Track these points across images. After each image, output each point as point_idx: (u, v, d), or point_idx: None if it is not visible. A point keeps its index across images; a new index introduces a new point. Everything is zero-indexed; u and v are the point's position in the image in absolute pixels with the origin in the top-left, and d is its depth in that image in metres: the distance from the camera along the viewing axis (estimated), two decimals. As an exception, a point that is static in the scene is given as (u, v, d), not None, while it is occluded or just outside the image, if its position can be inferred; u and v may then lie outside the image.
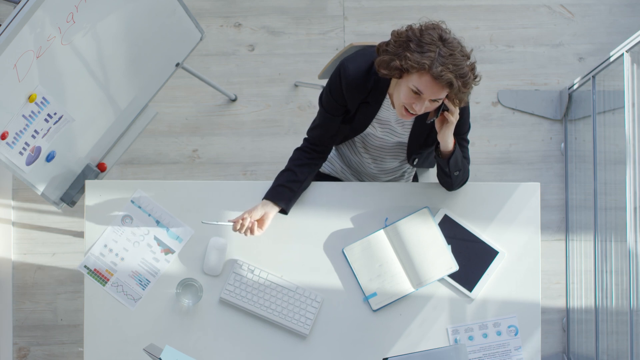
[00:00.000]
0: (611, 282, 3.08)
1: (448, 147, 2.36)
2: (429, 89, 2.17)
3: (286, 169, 2.51)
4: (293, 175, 2.49)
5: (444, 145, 2.36)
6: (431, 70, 2.14)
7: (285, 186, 2.48)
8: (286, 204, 2.48)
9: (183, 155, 3.45)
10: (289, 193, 2.48)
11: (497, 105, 3.50)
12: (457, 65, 2.15)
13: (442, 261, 2.51)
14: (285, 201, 2.48)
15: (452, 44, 2.16)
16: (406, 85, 2.20)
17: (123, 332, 2.50)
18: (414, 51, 2.16)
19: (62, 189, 2.65)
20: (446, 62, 2.14)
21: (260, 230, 2.45)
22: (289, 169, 2.50)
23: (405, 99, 2.22)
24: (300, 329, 2.50)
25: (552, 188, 3.46)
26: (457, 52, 2.16)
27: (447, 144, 2.35)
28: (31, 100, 2.32)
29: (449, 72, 2.14)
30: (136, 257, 2.54)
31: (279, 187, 2.48)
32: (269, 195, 2.48)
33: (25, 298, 3.36)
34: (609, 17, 3.55)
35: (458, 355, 2.14)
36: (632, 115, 2.77)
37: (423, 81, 2.17)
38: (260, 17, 3.52)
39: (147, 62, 2.71)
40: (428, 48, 2.14)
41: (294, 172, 2.49)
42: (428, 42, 2.15)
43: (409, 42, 2.17)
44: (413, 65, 2.15)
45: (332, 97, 2.39)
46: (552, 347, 3.38)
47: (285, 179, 2.48)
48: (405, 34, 2.20)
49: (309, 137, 2.53)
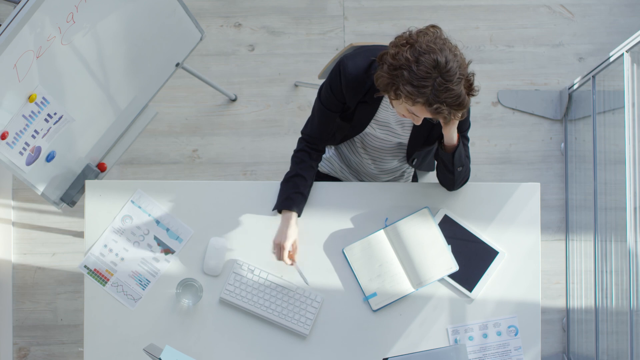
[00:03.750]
0: (611, 282, 3.08)
1: (452, 142, 2.36)
2: (424, 114, 2.16)
3: (295, 174, 2.50)
4: (303, 180, 2.50)
5: (448, 139, 2.36)
6: (426, 105, 2.11)
7: (300, 193, 2.49)
8: (302, 209, 2.51)
9: (183, 155, 3.45)
10: (301, 198, 2.50)
11: (497, 105, 3.50)
12: (453, 96, 2.08)
13: (442, 261, 2.51)
14: (302, 207, 2.51)
15: (449, 70, 2.07)
16: (403, 105, 2.18)
17: (123, 332, 2.50)
18: (407, 83, 2.09)
19: (62, 189, 2.65)
20: (441, 97, 2.08)
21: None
22: (298, 174, 2.50)
23: (404, 114, 2.22)
24: (300, 329, 2.50)
25: (552, 188, 3.46)
26: (454, 80, 2.08)
27: (452, 139, 2.35)
28: (31, 100, 2.32)
29: (444, 107, 2.09)
30: (136, 257, 2.54)
31: (295, 195, 2.48)
32: (288, 206, 2.48)
33: (25, 298, 3.36)
34: (609, 17, 3.55)
35: (458, 355, 2.14)
36: (632, 115, 2.77)
37: (418, 109, 2.14)
38: (260, 17, 3.52)
39: (147, 62, 2.71)
40: (423, 82, 2.07)
41: (304, 178, 2.49)
42: (423, 76, 2.07)
43: (403, 71, 2.10)
44: (407, 99, 2.12)
45: (332, 93, 2.38)
46: (552, 347, 3.38)
47: (299, 186, 2.49)
48: (400, 59, 2.11)
49: (306, 135, 2.51)
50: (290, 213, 2.48)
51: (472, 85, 2.16)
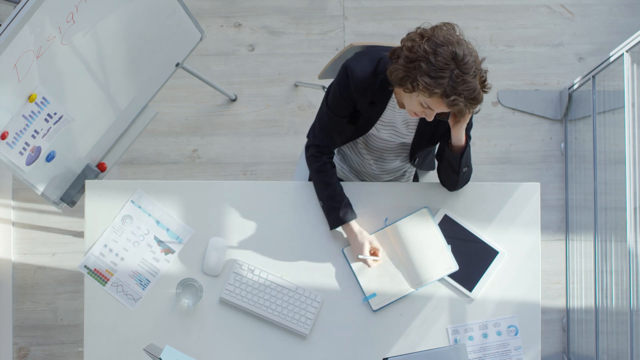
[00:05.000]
0: (611, 282, 3.08)
1: (460, 142, 2.37)
2: (440, 108, 2.17)
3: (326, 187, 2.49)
4: (337, 188, 2.50)
5: (456, 140, 2.36)
6: (443, 97, 2.12)
7: (342, 200, 2.49)
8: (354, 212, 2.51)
9: (183, 155, 3.45)
10: (347, 203, 2.49)
11: (497, 105, 3.50)
12: (470, 89, 2.11)
13: (442, 261, 2.51)
14: (352, 209, 2.50)
15: (466, 63, 2.10)
16: (417, 99, 2.19)
17: (123, 332, 2.50)
18: (425, 74, 2.10)
19: (62, 189, 2.65)
20: (458, 89, 2.09)
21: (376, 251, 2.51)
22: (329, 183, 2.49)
23: (416, 109, 2.22)
24: (300, 329, 2.50)
25: (552, 188, 3.46)
26: (470, 73, 2.10)
27: (460, 139, 2.36)
28: (31, 100, 2.32)
29: (460, 99, 2.11)
30: (136, 257, 2.54)
31: (341, 206, 2.48)
32: (343, 219, 2.48)
33: (25, 298, 3.36)
34: (609, 17, 3.55)
35: (458, 355, 2.14)
36: (632, 115, 2.77)
37: (434, 101, 2.15)
38: (260, 17, 3.52)
39: (147, 62, 2.71)
40: (440, 74, 2.09)
41: (334, 185, 2.50)
42: (441, 67, 2.09)
43: (420, 62, 2.11)
44: (424, 90, 2.12)
45: (343, 99, 2.36)
46: (552, 347, 3.38)
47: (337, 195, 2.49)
48: (418, 51, 2.12)
49: (317, 145, 2.49)
50: (347, 224, 2.49)
51: (485, 81, 2.18)
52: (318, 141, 2.49)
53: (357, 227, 2.49)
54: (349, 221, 2.48)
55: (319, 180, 2.51)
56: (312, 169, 2.51)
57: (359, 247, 2.47)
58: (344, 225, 2.49)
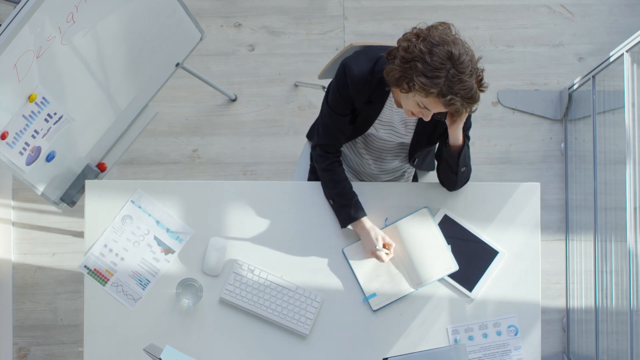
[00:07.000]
0: (611, 282, 3.08)
1: (458, 142, 2.37)
2: (437, 108, 2.17)
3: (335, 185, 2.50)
4: (346, 186, 2.50)
5: (454, 139, 2.36)
6: (439, 97, 2.12)
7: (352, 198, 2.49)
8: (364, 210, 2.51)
9: (183, 155, 3.45)
10: (357, 201, 2.49)
11: (497, 105, 3.50)
12: (466, 88, 2.11)
13: (442, 261, 2.51)
14: (362, 207, 2.50)
15: (462, 62, 2.10)
16: (413, 99, 2.19)
17: (123, 332, 2.50)
18: (421, 74, 2.10)
19: (62, 189, 2.65)
20: (455, 88, 2.10)
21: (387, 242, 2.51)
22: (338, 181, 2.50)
23: (413, 109, 2.22)
24: (300, 329, 2.50)
25: (552, 188, 3.46)
26: (466, 72, 2.10)
27: (457, 139, 2.36)
28: (31, 100, 2.32)
29: (457, 98, 2.11)
30: (136, 257, 2.54)
31: (351, 203, 2.48)
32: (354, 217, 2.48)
33: (25, 298, 3.36)
34: (609, 17, 3.55)
35: (458, 355, 2.14)
36: (632, 115, 2.77)
37: (431, 101, 2.15)
38: (260, 17, 3.52)
39: (147, 62, 2.71)
40: (436, 73, 2.09)
41: (343, 183, 2.50)
42: (437, 66, 2.09)
43: (416, 62, 2.11)
44: (421, 90, 2.13)
45: (341, 98, 2.37)
46: (552, 347, 3.38)
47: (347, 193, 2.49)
48: (414, 51, 2.12)
49: (322, 145, 2.50)
50: (359, 221, 2.49)
51: (482, 80, 2.18)
52: (323, 141, 2.49)
53: (369, 223, 2.49)
54: (361, 218, 2.48)
55: (327, 179, 2.51)
56: (320, 168, 2.51)
57: (372, 242, 2.47)
58: (355, 222, 2.49)
